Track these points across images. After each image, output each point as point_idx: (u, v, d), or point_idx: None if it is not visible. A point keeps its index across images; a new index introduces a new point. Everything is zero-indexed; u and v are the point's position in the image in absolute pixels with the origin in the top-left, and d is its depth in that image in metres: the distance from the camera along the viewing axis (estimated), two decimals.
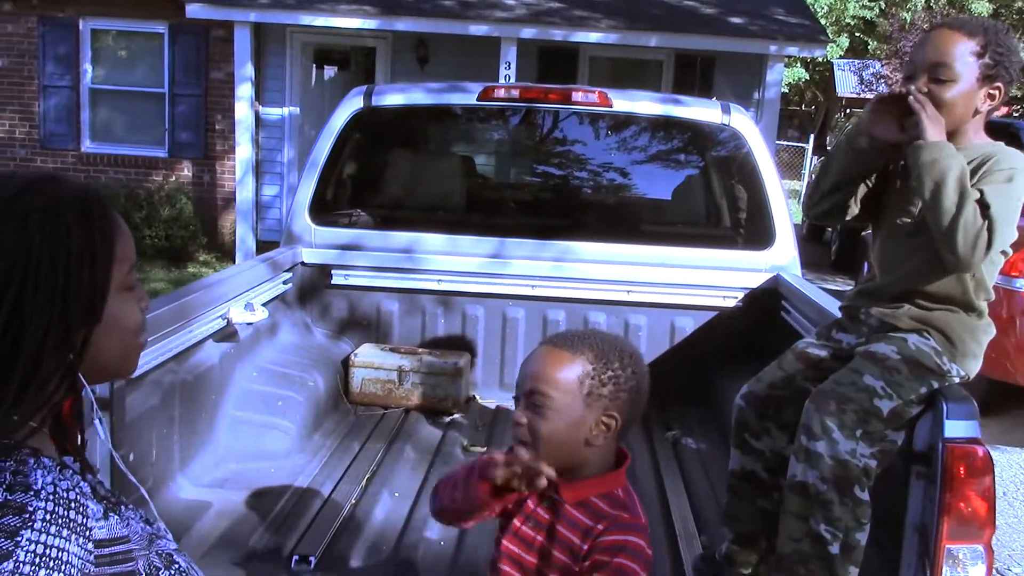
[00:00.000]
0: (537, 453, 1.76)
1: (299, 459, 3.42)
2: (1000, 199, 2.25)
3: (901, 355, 2.37)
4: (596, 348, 1.78)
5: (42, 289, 1.11)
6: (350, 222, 4.39)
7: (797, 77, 26.38)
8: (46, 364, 1.13)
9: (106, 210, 1.21)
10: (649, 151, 4.56)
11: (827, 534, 2.31)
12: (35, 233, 1.12)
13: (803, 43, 10.99)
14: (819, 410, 2.33)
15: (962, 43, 2.33)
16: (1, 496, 1.07)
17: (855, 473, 2.28)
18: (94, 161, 11.64)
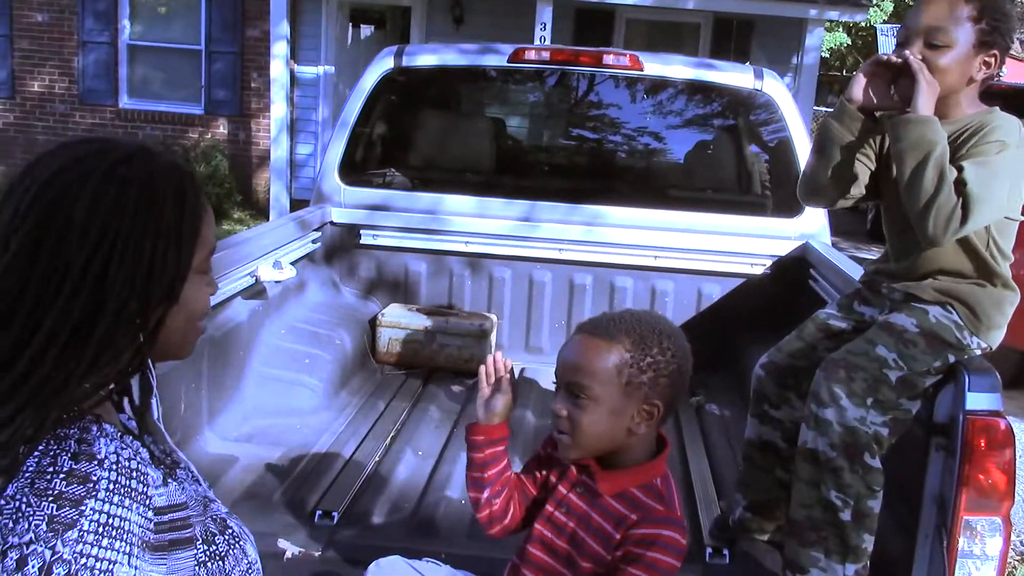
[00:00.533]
0: (579, 445, 1.74)
1: (325, 416, 3.46)
2: (981, 176, 2.19)
3: (920, 328, 2.35)
4: (634, 334, 1.72)
5: (128, 261, 1.12)
6: (380, 182, 4.40)
7: (839, 42, 25.86)
8: (120, 338, 1.13)
9: (198, 192, 1.21)
10: (680, 116, 4.52)
11: (838, 500, 2.31)
12: (130, 204, 1.12)
13: (844, 7, 10.79)
14: (828, 377, 2.33)
15: (959, 7, 2.27)
16: (67, 464, 1.08)
17: (864, 440, 2.28)
18: (132, 117, 11.73)
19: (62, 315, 1.09)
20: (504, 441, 1.92)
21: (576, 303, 4.25)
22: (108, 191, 1.12)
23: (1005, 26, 2.29)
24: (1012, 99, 12.72)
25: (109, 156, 1.15)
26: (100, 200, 1.11)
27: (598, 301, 4.23)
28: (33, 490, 1.06)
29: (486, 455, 1.90)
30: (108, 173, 1.13)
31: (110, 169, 1.13)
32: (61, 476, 1.07)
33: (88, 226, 1.09)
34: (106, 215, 1.11)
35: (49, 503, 1.05)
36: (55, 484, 1.06)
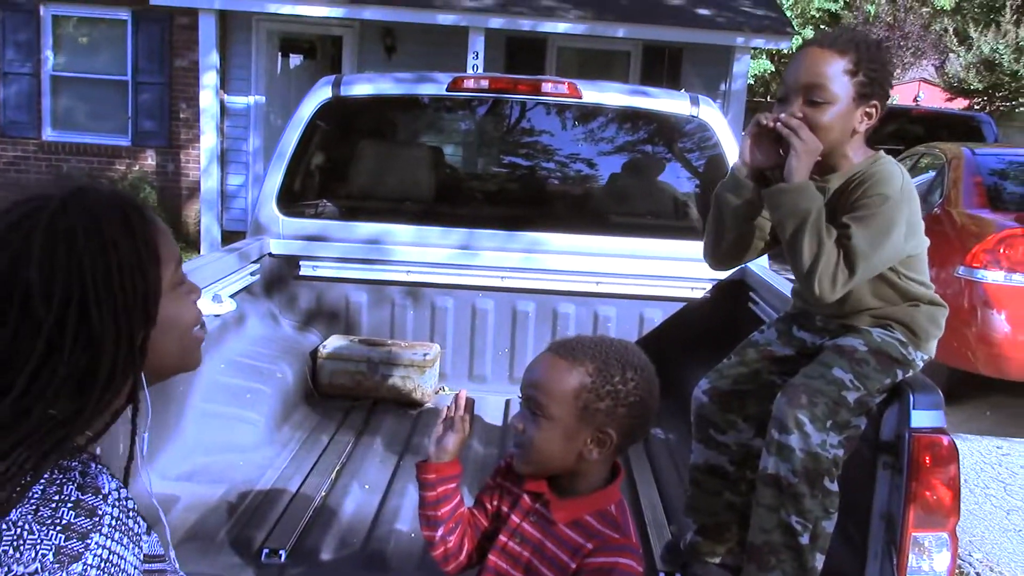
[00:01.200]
0: (529, 461, 1.74)
1: (268, 451, 3.40)
2: (864, 232, 2.23)
3: (868, 347, 2.39)
4: (598, 359, 1.72)
5: (104, 304, 1.13)
6: (318, 212, 4.36)
7: (763, 69, 26.49)
8: (119, 374, 1.16)
9: (145, 216, 1.22)
10: (618, 142, 4.56)
11: (798, 525, 2.33)
12: (83, 252, 1.13)
13: (769, 35, 11.06)
14: (791, 404, 2.33)
15: (834, 63, 2.26)
16: (74, 495, 1.08)
17: (826, 465, 2.31)
18: (55, 149, 11.48)
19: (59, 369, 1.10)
20: (456, 478, 1.91)
21: (519, 330, 4.25)
22: (57, 247, 1.12)
23: (882, 76, 2.31)
24: (931, 122, 13.17)
25: (44, 211, 1.14)
26: (52, 257, 1.11)
27: (541, 328, 4.24)
28: (37, 518, 1.05)
29: (438, 493, 1.88)
30: (49, 228, 1.13)
31: (50, 224, 1.13)
32: (68, 506, 1.07)
33: (50, 286, 1.10)
34: (63, 270, 1.11)
35: (57, 533, 1.04)
36: (62, 513, 1.06)
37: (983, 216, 6.34)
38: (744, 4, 11.54)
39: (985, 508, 4.97)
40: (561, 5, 10.78)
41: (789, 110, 2.29)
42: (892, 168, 2.34)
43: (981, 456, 5.69)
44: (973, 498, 5.03)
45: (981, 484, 5.27)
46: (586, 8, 10.74)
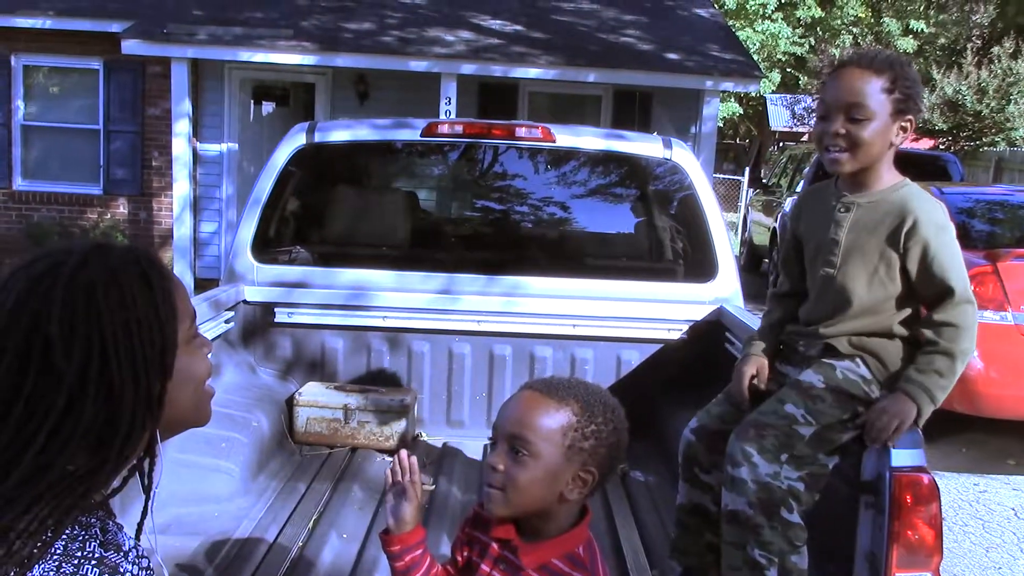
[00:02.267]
0: (509, 502, 1.72)
1: (244, 501, 3.35)
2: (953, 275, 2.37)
3: (826, 384, 2.43)
4: (582, 399, 1.74)
5: (124, 357, 1.14)
6: (293, 259, 4.34)
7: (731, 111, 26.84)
8: (138, 427, 1.17)
9: (163, 271, 1.25)
10: (593, 185, 4.59)
11: (762, 559, 2.34)
12: (103, 306, 1.14)
13: (737, 78, 11.21)
14: (739, 438, 2.40)
15: (872, 81, 2.39)
16: (97, 552, 1.09)
17: (779, 495, 2.33)
18: (26, 199, 11.41)
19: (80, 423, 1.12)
20: (422, 543, 1.88)
21: (496, 374, 4.23)
22: (77, 301, 1.14)
23: (916, 92, 2.43)
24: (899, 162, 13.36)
25: (65, 266, 1.17)
26: (72, 312, 1.13)
27: (518, 371, 4.22)
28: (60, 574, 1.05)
29: (407, 562, 1.86)
30: (70, 284, 1.15)
31: (71, 279, 1.15)
32: (92, 563, 1.07)
33: (70, 340, 1.12)
34: (84, 324, 1.13)
35: None
36: (86, 571, 1.06)
37: None
38: (712, 48, 11.70)
39: (964, 546, 4.97)
40: (532, 51, 10.89)
41: (832, 128, 2.40)
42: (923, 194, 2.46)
43: (958, 493, 5.70)
44: (952, 536, 5.03)
45: (960, 522, 5.28)
46: (557, 53, 10.86)
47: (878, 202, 2.46)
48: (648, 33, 12.05)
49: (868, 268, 2.45)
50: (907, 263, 2.40)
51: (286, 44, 10.46)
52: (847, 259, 2.49)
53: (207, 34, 10.45)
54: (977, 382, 5.91)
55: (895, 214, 2.42)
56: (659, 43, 11.67)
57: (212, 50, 10.52)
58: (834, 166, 2.45)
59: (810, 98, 27.75)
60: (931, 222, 2.39)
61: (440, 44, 10.80)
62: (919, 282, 2.41)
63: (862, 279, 2.46)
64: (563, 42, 11.26)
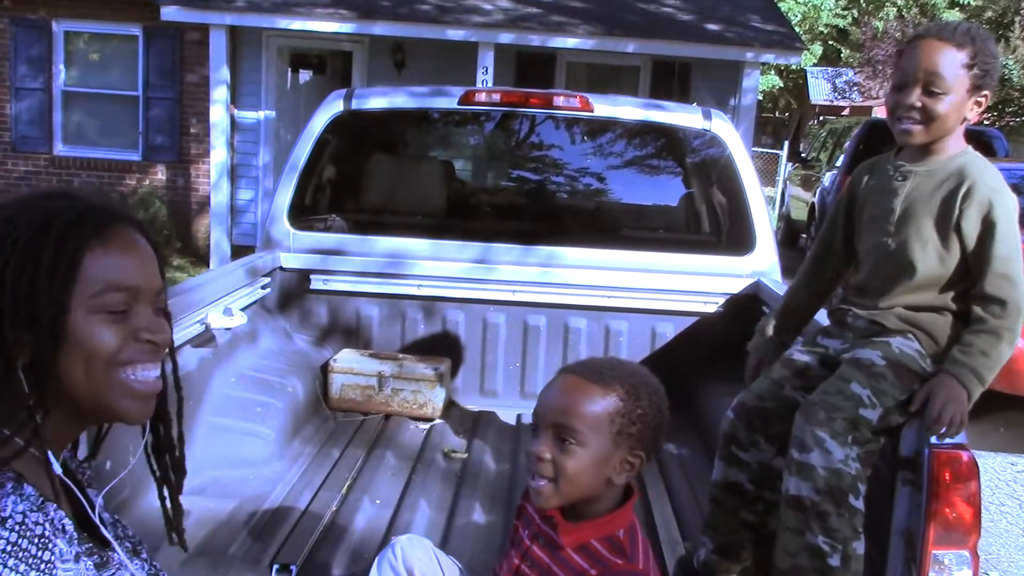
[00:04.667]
0: (559, 492, 1.69)
1: (278, 466, 3.38)
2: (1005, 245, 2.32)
3: (886, 360, 2.37)
4: (626, 384, 1.71)
5: (8, 297, 1.11)
6: (329, 227, 4.35)
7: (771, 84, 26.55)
8: (10, 383, 1.12)
9: (98, 231, 1.19)
10: (630, 156, 4.55)
11: (826, 546, 2.28)
12: (7, 239, 1.14)
13: (779, 50, 11.05)
14: (809, 421, 2.32)
15: (954, 55, 2.32)
16: None
17: (848, 481, 2.27)
18: (66, 164, 11.51)
19: None
20: None
21: (530, 345, 4.22)
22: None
23: (994, 68, 2.37)
24: None
25: (36, 195, 1.19)
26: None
27: (552, 342, 4.21)
28: None
29: None
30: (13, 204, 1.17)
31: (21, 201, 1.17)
32: None
33: None
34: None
35: None
36: None
37: None
38: (754, 19, 11.53)
39: (1001, 526, 4.92)
40: (571, 20, 10.79)
41: (908, 100, 2.35)
42: (985, 163, 2.41)
43: (995, 473, 5.64)
44: (988, 516, 4.97)
45: (996, 501, 5.22)
46: (596, 23, 10.75)
47: (936, 170, 2.41)
48: (688, 3, 11.89)
49: (922, 237, 2.40)
50: (962, 227, 2.34)
51: (324, 12, 10.44)
52: (901, 228, 2.44)
53: (245, 1, 10.46)
54: (1018, 361, 5.80)
55: (952, 180, 2.37)
56: (699, 13, 11.52)
57: (250, 17, 10.52)
58: (904, 137, 2.40)
59: (852, 71, 27.34)
60: (988, 184, 2.34)
61: (478, 13, 10.73)
62: (973, 250, 2.35)
63: (916, 248, 2.41)
64: (602, 12, 11.14)
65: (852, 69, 27.75)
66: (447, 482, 3.38)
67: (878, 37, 23.79)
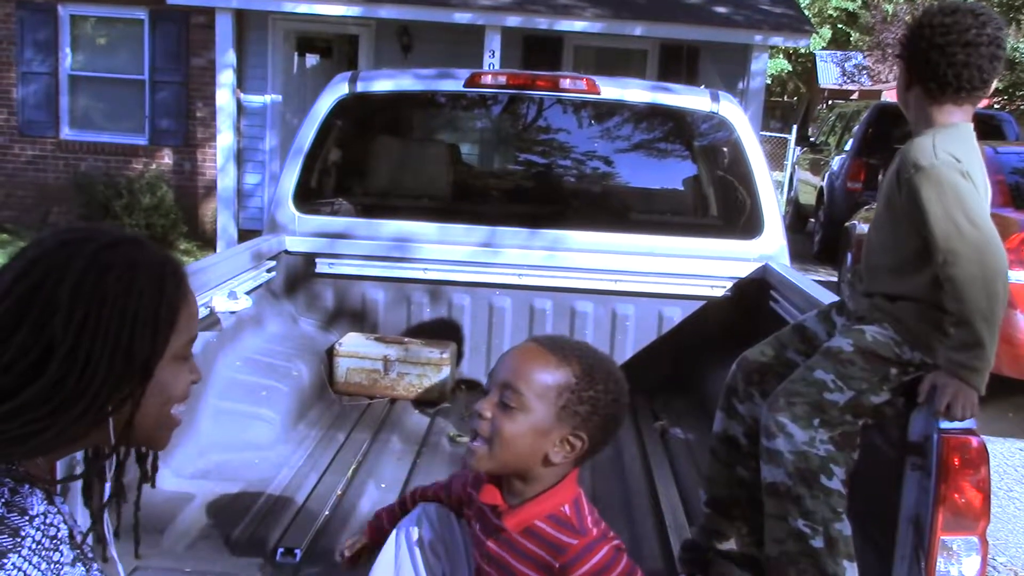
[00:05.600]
0: (492, 455, 1.68)
1: (283, 450, 3.37)
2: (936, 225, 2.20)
3: (855, 347, 2.37)
4: (584, 362, 1.69)
5: (110, 343, 1.16)
6: (335, 210, 4.33)
7: (780, 68, 26.41)
8: (93, 412, 1.17)
9: (180, 283, 1.26)
10: (637, 139, 4.52)
11: (807, 528, 2.30)
12: (108, 289, 1.17)
13: (787, 33, 10.97)
14: (771, 409, 2.36)
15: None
16: (1, 509, 1.08)
17: (817, 463, 2.29)
18: (73, 148, 11.50)
19: (47, 390, 1.12)
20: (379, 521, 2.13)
21: (536, 328, 4.21)
22: (88, 275, 1.16)
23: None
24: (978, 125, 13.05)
25: (94, 242, 1.20)
26: (80, 283, 1.15)
27: (559, 326, 4.19)
28: None
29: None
30: (91, 257, 1.17)
31: (93, 254, 1.18)
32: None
33: (72, 311, 1.14)
34: (86, 299, 1.14)
35: None
36: None
37: (1006, 215, 6.25)
38: (762, 2, 11.45)
39: (1009, 511, 4.90)
40: (578, 4, 10.72)
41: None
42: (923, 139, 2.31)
43: (1004, 458, 5.61)
44: (996, 501, 4.95)
45: (1005, 487, 5.20)
46: (603, 6, 10.68)
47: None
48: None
49: (883, 224, 2.42)
50: (907, 211, 2.27)
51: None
52: (876, 214, 2.48)
53: None
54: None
55: (895, 163, 2.35)
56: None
57: (256, 0, 10.48)
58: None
59: (861, 55, 27.18)
60: (911, 162, 2.24)
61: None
62: (907, 228, 2.30)
63: (879, 236, 2.44)
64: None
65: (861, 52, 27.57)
66: (452, 466, 3.37)
67: (888, 20, 23.63)
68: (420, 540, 2.02)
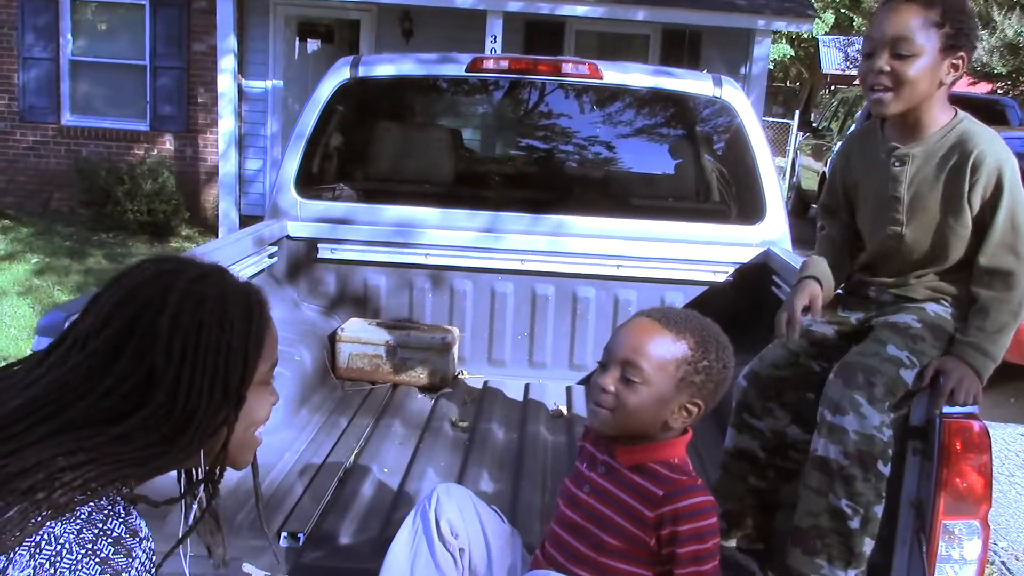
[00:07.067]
0: (616, 422, 1.81)
1: (286, 435, 3.37)
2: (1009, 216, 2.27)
3: (922, 322, 2.35)
4: (698, 335, 1.81)
5: (209, 373, 1.23)
6: (337, 195, 4.33)
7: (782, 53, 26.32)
8: (198, 439, 1.24)
9: (264, 311, 1.33)
10: (640, 124, 4.50)
11: (848, 509, 2.27)
12: (205, 319, 1.23)
13: (790, 18, 10.94)
14: (848, 384, 2.27)
15: (921, 15, 2.24)
16: (117, 530, 1.13)
17: (880, 448, 2.24)
18: (74, 134, 11.49)
19: (155, 417, 1.20)
20: None
21: (539, 314, 4.21)
22: (185, 306, 1.22)
23: (968, 27, 2.28)
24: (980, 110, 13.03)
25: (185, 274, 1.26)
26: (179, 314, 1.21)
27: (560, 312, 4.19)
28: (79, 540, 1.09)
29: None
30: (185, 290, 1.23)
31: (187, 286, 1.24)
32: (109, 540, 1.11)
33: (172, 341, 1.21)
34: (183, 331, 1.21)
35: (95, 565, 1.08)
36: (102, 546, 1.10)
37: None
38: None
39: (1010, 496, 4.91)
40: None
41: (876, 65, 2.27)
42: (983, 129, 2.33)
43: (1005, 443, 5.62)
44: (997, 486, 4.96)
45: (1006, 472, 5.21)
46: None
47: (934, 150, 2.34)
48: None
49: (935, 223, 2.36)
50: (971, 201, 2.30)
51: None
52: (912, 217, 2.39)
53: None
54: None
55: (955, 156, 2.31)
56: None
57: None
58: (878, 107, 2.31)
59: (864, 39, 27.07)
60: (995, 155, 2.27)
61: None
62: (975, 220, 2.31)
63: (931, 235, 2.38)
64: None
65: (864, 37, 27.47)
66: (455, 451, 3.37)
67: None
68: (436, 520, 2.07)
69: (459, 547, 2.06)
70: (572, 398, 3.96)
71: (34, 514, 1.08)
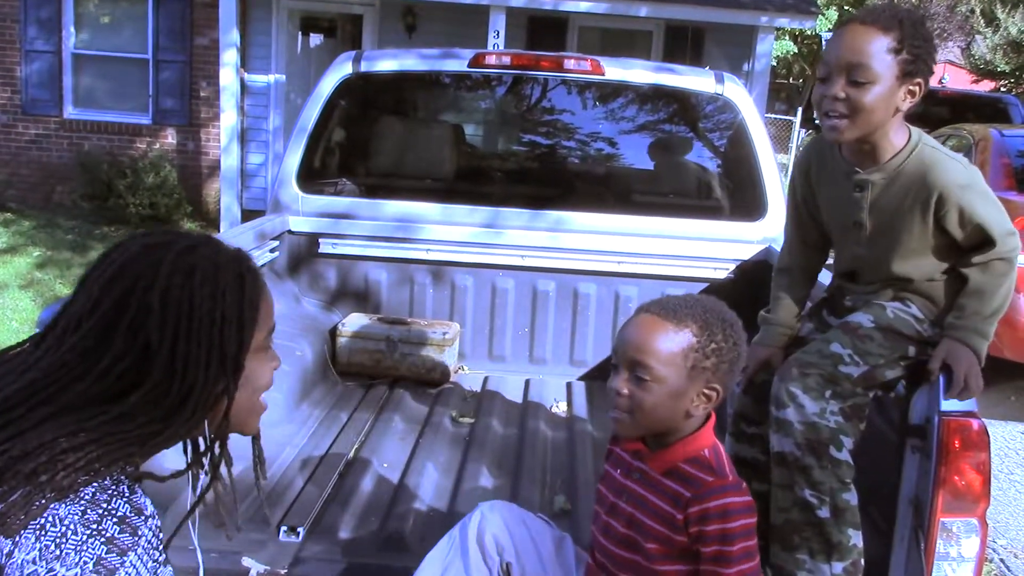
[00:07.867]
0: (636, 424, 1.79)
1: (287, 429, 3.38)
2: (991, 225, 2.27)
3: (876, 323, 2.37)
4: (700, 319, 1.77)
5: (204, 344, 1.23)
6: (338, 190, 4.33)
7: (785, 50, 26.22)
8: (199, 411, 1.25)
9: (256, 278, 1.33)
10: (642, 120, 4.50)
11: (813, 499, 2.31)
12: (196, 291, 1.23)
13: (793, 14, 10.93)
14: (782, 379, 2.34)
15: (878, 40, 2.17)
16: (122, 509, 1.14)
17: (827, 434, 2.29)
18: (77, 127, 11.50)
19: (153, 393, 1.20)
20: None
21: (539, 310, 4.21)
22: (175, 279, 1.22)
23: (927, 52, 2.22)
24: (957, 104, 12.99)
25: (176, 245, 1.26)
26: (168, 287, 1.21)
27: (561, 308, 4.20)
28: (83, 521, 1.10)
29: None
30: (174, 262, 1.23)
31: (176, 258, 1.24)
32: (114, 520, 1.12)
33: (164, 315, 1.21)
34: (176, 303, 1.21)
35: (100, 544, 1.10)
36: (107, 526, 1.11)
37: (1011, 198, 6.24)
38: None
39: (1009, 494, 4.91)
40: None
41: (832, 90, 2.22)
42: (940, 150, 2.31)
43: (1005, 441, 5.62)
44: (997, 484, 4.97)
45: (1005, 470, 5.21)
46: None
47: (893, 177, 2.31)
48: None
49: (899, 243, 2.36)
50: (946, 226, 2.29)
51: None
52: (875, 241, 2.41)
53: None
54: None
55: (917, 188, 2.28)
56: None
57: None
58: (832, 134, 2.26)
59: None
60: (955, 184, 2.25)
61: None
62: (961, 238, 2.31)
63: (897, 257, 2.38)
64: None
65: None
66: (455, 446, 3.38)
67: (894, 3, 23.47)
68: (480, 537, 2.06)
69: (505, 561, 2.05)
70: (572, 394, 3.97)
71: (38, 497, 1.09)
